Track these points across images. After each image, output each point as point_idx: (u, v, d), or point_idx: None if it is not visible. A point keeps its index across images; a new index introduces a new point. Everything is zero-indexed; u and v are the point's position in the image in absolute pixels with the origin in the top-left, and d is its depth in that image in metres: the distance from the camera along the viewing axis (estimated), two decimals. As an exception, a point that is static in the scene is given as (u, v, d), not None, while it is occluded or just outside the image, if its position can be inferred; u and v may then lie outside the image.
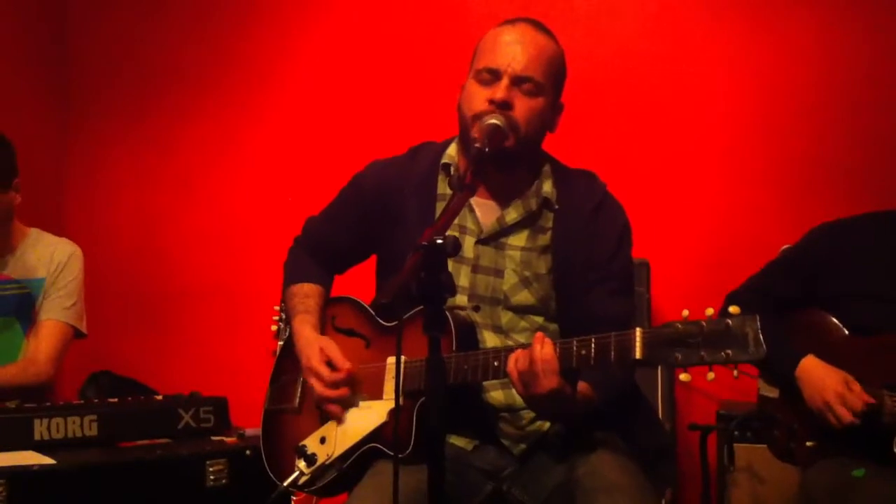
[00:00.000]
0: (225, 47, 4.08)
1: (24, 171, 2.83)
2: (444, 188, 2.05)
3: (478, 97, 1.94)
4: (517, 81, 1.92)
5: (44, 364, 2.76)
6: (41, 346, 2.77)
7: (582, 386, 1.83)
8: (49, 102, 4.20)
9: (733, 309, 1.54)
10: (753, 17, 3.43)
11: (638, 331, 1.61)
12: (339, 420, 2.00)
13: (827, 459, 2.30)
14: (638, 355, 1.60)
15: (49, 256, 2.84)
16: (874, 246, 2.46)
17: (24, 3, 4.08)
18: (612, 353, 1.64)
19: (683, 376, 1.59)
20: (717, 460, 2.91)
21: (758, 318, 1.51)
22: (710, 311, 1.56)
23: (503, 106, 1.90)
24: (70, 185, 4.25)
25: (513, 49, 1.93)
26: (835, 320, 2.43)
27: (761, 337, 1.50)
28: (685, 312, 1.58)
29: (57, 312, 2.81)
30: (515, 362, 1.72)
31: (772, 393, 2.51)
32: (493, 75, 1.93)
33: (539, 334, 1.74)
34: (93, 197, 4.22)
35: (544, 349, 1.70)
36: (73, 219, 4.20)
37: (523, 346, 1.75)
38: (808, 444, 2.36)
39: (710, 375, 1.57)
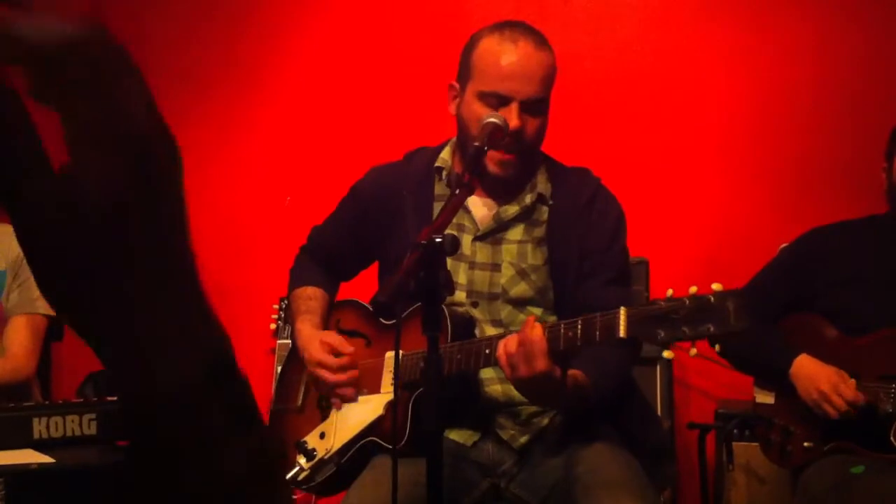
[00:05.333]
0: (222, 48, 4.08)
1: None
2: (440, 190, 2.07)
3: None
4: (526, 106, 1.93)
5: (24, 359, 2.72)
6: (18, 341, 2.73)
7: (574, 372, 1.81)
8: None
9: (716, 286, 1.54)
10: (750, 16, 3.44)
11: (623, 310, 1.62)
12: (344, 409, 2.01)
13: (826, 458, 2.31)
14: (622, 333, 1.60)
15: (7, 248, 2.74)
16: (866, 248, 2.48)
17: (23, 4, 4.08)
18: (598, 333, 1.64)
19: (667, 353, 1.60)
20: (715, 459, 2.92)
21: (741, 292, 1.52)
22: (693, 289, 1.56)
23: (517, 135, 1.91)
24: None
25: (519, 74, 1.93)
26: (827, 322, 2.44)
27: (743, 310, 1.50)
28: (669, 291, 1.59)
29: (26, 305, 2.75)
30: (504, 346, 1.73)
31: (767, 398, 2.52)
32: (502, 101, 1.93)
33: (530, 318, 1.75)
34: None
35: (534, 331, 1.70)
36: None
37: (498, 337, 1.76)
38: (806, 444, 2.37)
39: (693, 351, 1.58)
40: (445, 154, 2.09)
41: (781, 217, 3.27)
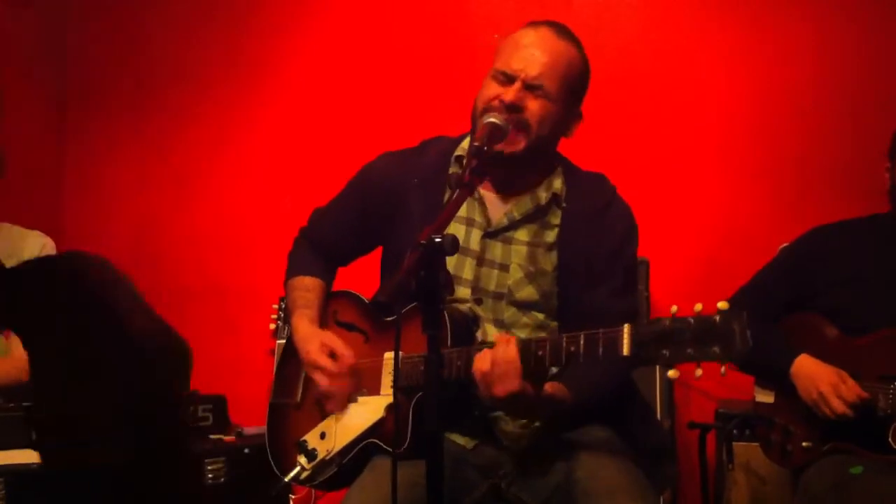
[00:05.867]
0: (222, 48, 4.08)
1: (21, 171, 2.81)
2: None
3: (489, 94, 1.95)
4: (529, 87, 1.93)
5: (26, 362, 2.72)
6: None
7: (553, 387, 1.80)
8: (46, 103, 4.20)
9: (721, 304, 1.53)
10: (750, 17, 3.44)
11: (626, 327, 1.60)
12: (344, 410, 2.01)
13: (825, 458, 2.31)
14: (625, 352, 1.59)
15: (20, 250, 2.75)
16: (868, 247, 2.47)
17: (23, 4, 4.08)
18: (601, 349, 1.63)
19: (672, 373, 1.57)
20: (715, 459, 2.91)
21: (745, 314, 1.50)
22: (698, 307, 1.54)
23: (512, 108, 1.91)
24: (67, 186, 4.25)
25: (529, 54, 1.94)
26: (827, 321, 2.44)
27: (748, 333, 1.49)
28: (674, 308, 1.56)
29: None
30: (479, 364, 1.73)
31: (767, 397, 2.52)
32: (508, 79, 1.94)
33: (502, 336, 1.74)
34: (90, 197, 4.22)
35: (508, 350, 1.69)
36: (70, 219, 4.20)
37: (488, 346, 1.75)
38: (805, 444, 2.37)
39: (698, 372, 1.55)
40: (466, 144, 2.07)
41: (781, 217, 3.27)
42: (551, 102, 1.95)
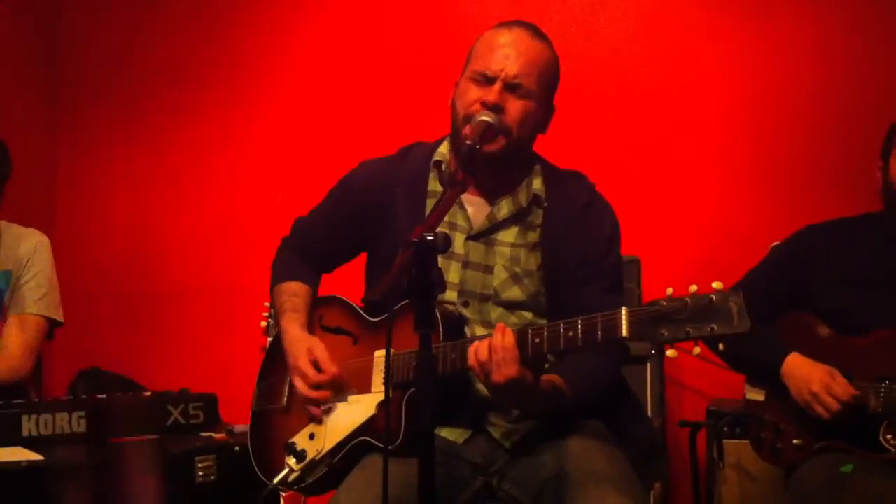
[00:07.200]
0: (218, 47, 4.06)
1: (15, 170, 2.81)
2: (434, 185, 2.06)
3: (471, 97, 1.96)
4: (509, 87, 1.95)
5: (19, 360, 2.72)
6: (16, 341, 2.72)
7: (550, 377, 1.83)
8: (41, 102, 4.18)
9: (716, 284, 1.55)
10: (746, 17, 3.44)
11: (624, 310, 1.63)
12: (319, 421, 2.01)
13: (817, 456, 2.32)
14: (624, 333, 1.61)
15: (15, 248, 2.78)
16: (861, 246, 2.48)
17: (16, 2, 4.06)
18: (599, 333, 1.65)
19: (670, 353, 1.60)
20: (706, 457, 2.92)
21: (741, 292, 1.53)
22: (693, 288, 1.57)
23: (495, 109, 1.93)
24: (61, 184, 4.23)
25: (506, 54, 1.96)
26: (820, 321, 2.44)
27: (745, 310, 1.51)
28: (669, 290, 1.59)
29: (28, 305, 2.76)
30: (476, 352, 1.74)
31: (758, 396, 2.52)
32: (487, 80, 1.95)
33: (500, 325, 1.76)
34: (84, 196, 4.21)
35: (505, 338, 1.72)
36: (64, 217, 4.18)
37: (486, 337, 1.76)
38: (796, 442, 2.37)
39: (696, 350, 1.59)
40: (443, 149, 2.09)
41: (774, 216, 3.28)
42: (531, 101, 1.97)
